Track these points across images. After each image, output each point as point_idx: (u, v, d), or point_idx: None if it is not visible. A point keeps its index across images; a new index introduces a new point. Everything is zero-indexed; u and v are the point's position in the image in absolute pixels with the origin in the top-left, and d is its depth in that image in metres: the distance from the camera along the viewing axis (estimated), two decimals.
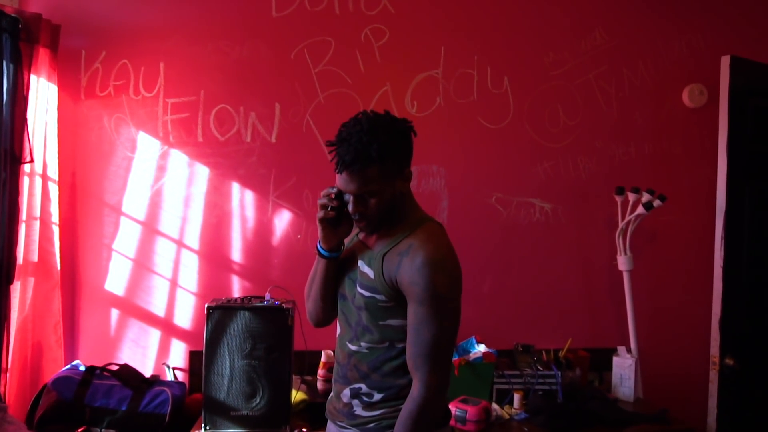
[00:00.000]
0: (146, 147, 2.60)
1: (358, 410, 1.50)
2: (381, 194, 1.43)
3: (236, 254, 2.65)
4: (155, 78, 2.59)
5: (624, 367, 2.57)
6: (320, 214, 1.50)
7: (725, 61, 2.46)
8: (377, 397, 1.48)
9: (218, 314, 2.11)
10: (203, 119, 2.62)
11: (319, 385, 2.47)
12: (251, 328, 2.12)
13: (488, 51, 2.78)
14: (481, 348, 2.57)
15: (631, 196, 2.59)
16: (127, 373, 2.41)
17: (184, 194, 2.62)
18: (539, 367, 2.49)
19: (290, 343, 2.14)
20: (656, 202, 2.53)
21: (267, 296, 2.23)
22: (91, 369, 2.40)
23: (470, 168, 2.77)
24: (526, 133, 2.81)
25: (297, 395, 2.32)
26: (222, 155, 2.63)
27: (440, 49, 2.74)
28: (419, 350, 1.39)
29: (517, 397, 2.41)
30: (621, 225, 2.62)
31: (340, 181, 1.44)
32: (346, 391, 1.53)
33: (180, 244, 2.62)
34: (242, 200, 2.65)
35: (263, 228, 2.66)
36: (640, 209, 2.53)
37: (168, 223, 2.61)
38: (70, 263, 2.57)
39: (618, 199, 2.66)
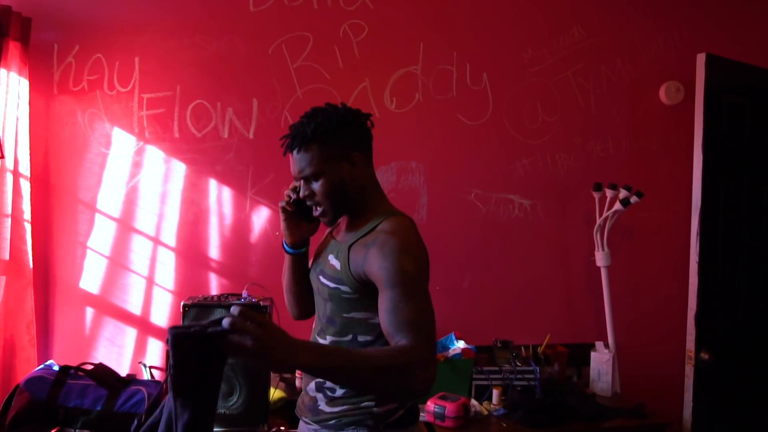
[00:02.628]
0: (121, 143, 2.56)
1: (322, 405, 1.48)
2: (325, 176, 1.45)
3: (214, 251, 2.62)
4: (130, 73, 2.55)
5: (601, 362, 2.59)
6: (281, 203, 1.59)
7: (701, 59, 2.49)
8: (339, 392, 1.46)
9: (194, 312, 2.09)
10: (180, 115, 2.58)
11: (298, 382, 2.45)
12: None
13: (467, 47, 2.77)
14: (461, 344, 2.58)
15: (609, 193, 2.61)
16: (102, 373, 2.37)
17: (161, 191, 2.58)
18: (518, 363, 2.50)
19: None
20: (633, 199, 2.55)
21: (244, 294, 2.21)
22: (65, 369, 2.36)
23: (449, 164, 2.77)
24: (505, 129, 2.81)
25: (275, 393, 2.30)
26: (199, 151, 2.60)
27: (419, 45, 2.74)
28: (398, 328, 1.25)
29: (495, 392, 2.41)
30: (599, 221, 2.64)
31: (291, 168, 1.50)
32: (312, 384, 1.53)
33: (156, 241, 2.59)
34: (220, 197, 2.62)
35: (241, 225, 2.63)
36: (617, 205, 2.55)
37: (144, 220, 2.58)
38: (44, 261, 2.52)
39: (596, 195, 2.67)
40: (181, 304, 2.10)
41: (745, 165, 2.62)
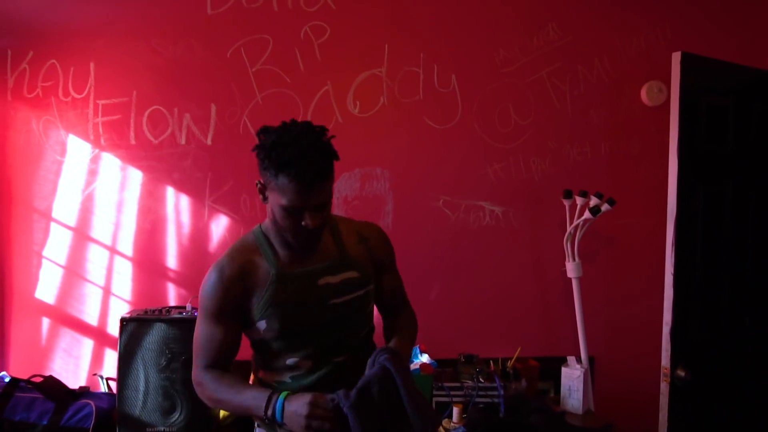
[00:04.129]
0: (76, 150, 2.51)
1: None
2: (330, 202, 1.45)
3: (171, 261, 2.56)
4: (85, 79, 2.51)
5: (572, 378, 2.47)
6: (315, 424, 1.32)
7: (676, 58, 2.33)
8: None
9: (133, 326, 2.04)
10: (136, 121, 2.53)
11: None
12: (168, 340, 2.04)
13: (435, 48, 2.67)
14: (424, 358, 2.48)
15: (579, 200, 2.47)
16: (51, 386, 2.32)
17: (117, 199, 2.53)
18: (481, 379, 2.39)
19: None
20: (605, 207, 2.41)
21: (188, 306, 2.14)
22: (14, 381, 2.32)
23: (416, 170, 2.67)
24: (475, 133, 2.70)
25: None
26: (156, 158, 2.54)
27: (384, 46, 2.64)
28: (405, 300, 1.81)
29: (456, 410, 2.30)
30: (569, 230, 2.50)
31: (295, 197, 1.34)
32: None
33: (113, 250, 2.54)
34: (177, 205, 2.56)
35: (199, 234, 2.57)
36: (586, 214, 2.41)
37: (100, 228, 2.53)
38: None
39: (566, 203, 2.54)
40: (120, 318, 2.04)
41: (728, 169, 2.47)
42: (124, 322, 2.03)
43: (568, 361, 2.52)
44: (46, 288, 2.51)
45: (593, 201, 2.42)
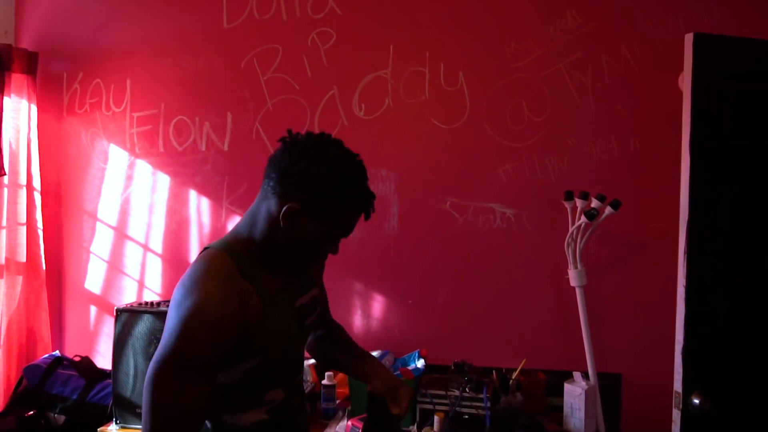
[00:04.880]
0: (116, 158, 2.83)
1: None
2: None
3: (193, 258, 2.77)
4: (123, 94, 2.81)
5: (574, 396, 2.27)
6: None
7: (688, 41, 2.05)
8: None
9: (125, 317, 2.25)
10: (163, 130, 2.78)
11: None
12: (155, 331, 2.22)
13: (441, 46, 2.60)
14: (419, 363, 2.43)
15: (579, 202, 2.26)
16: (86, 365, 2.65)
17: (149, 201, 2.81)
18: (467, 389, 2.29)
19: None
20: (608, 210, 2.18)
21: None
22: (58, 359, 2.68)
23: (422, 172, 2.62)
24: (484, 132, 2.58)
25: None
26: (180, 164, 2.78)
27: (389, 47, 2.62)
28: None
29: (437, 419, 2.23)
30: (568, 234, 2.30)
31: (351, 228, 1.30)
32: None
33: (146, 248, 2.82)
34: (199, 207, 2.78)
35: (217, 233, 2.76)
36: (582, 218, 2.20)
37: (135, 228, 2.82)
38: (56, 264, 2.88)
39: (567, 205, 2.34)
40: (114, 308, 2.27)
41: (754, 166, 2.10)
42: (118, 312, 2.26)
43: (574, 376, 2.32)
44: (93, 280, 2.86)
45: (594, 203, 2.20)
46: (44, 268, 2.83)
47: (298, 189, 1.21)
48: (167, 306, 2.25)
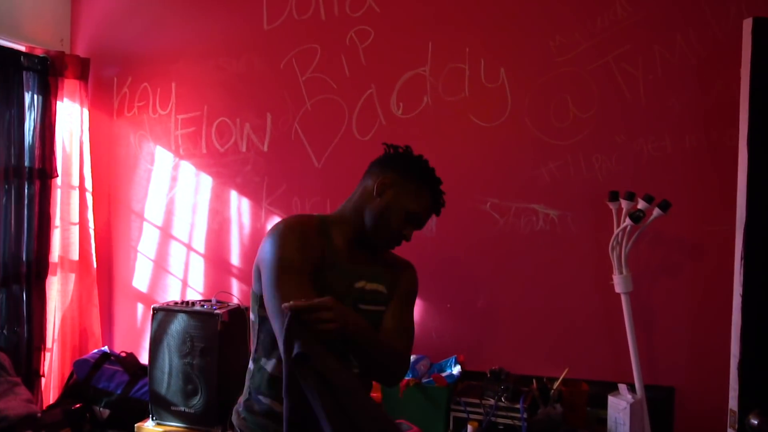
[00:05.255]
0: (162, 159, 2.89)
1: None
2: None
3: (234, 258, 2.81)
4: (168, 97, 2.87)
5: (619, 410, 2.12)
6: None
7: (747, 26, 1.88)
8: None
9: (161, 315, 2.29)
10: (206, 132, 2.83)
11: None
12: (189, 330, 2.25)
13: (482, 41, 2.51)
14: (455, 370, 2.35)
15: (624, 204, 2.11)
16: (130, 361, 2.72)
17: (192, 202, 2.86)
18: (503, 398, 2.19)
19: (219, 347, 2.21)
20: (656, 212, 2.03)
21: (213, 300, 2.33)
22: (105, 354, 2.76)
23: (461, 171, 2.52)
24: (526, 129, 2.47)
25: None
26: (222, 165, 2.81)
27: (428, 44, 2.56)
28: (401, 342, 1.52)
29: (470, 429, 2.15)
30: (613, 237, 2.15)
31: (422, 208, 1.45)
32: None
33: (189, 247, 2.87)
34: (239, 207, 2.80)
35: (257, 234, 2.77)
36: (627, 220, 2.05)
37: (179, 228, 2.88)
38: (106, 262, 2.98)
39: (612, 206, 2.19)
40: (151, 307, 2.31)
41: None
42: (154, 311, 2.30)
43: (619, 388, 2.17)
44: (141, 278, 2.94)
45: (641, 204, 2.06)
46: (95, 266, 2.93)
47: (391, 168, 1.45)
48: (202, 306, 2.29)
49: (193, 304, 2.35)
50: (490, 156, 2.51)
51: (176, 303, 2.37)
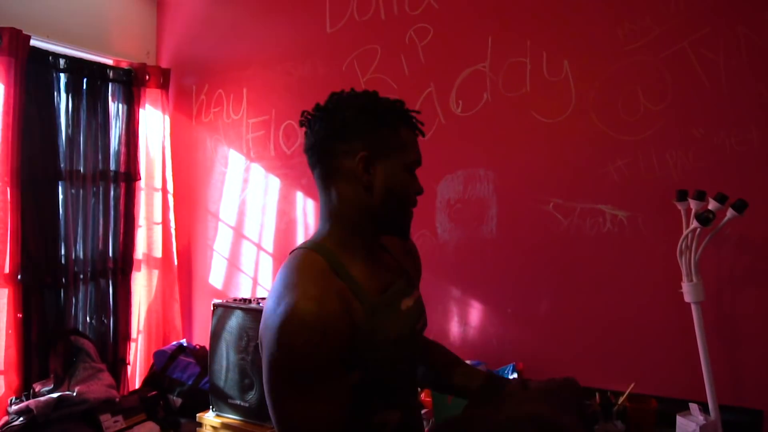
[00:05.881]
0: (235, 162, 3.02)
1: None
2: None
3: None
4: (240, 102, 3.00)
5: (687, 431, 1.92)
6: None
7: None
8: None
9: (220, 311, 2.38)
10: (274, 135, 2.91)
11: None
12: (245, 326, 2.32)
13: (543, 33, 2.38)
14: (512, 377, 2.25)
15: (693, 204, 1.90)
16: (202, 354, 2.86)
17: (262, 203, 2.96)
18: None
19: None
20: (729, 213, 1.81)
21: None
22: (181, 347, 2.93)
23: (523, 170, 2.42)
24: (592, 125, 2.31)
25: None
26: (289, 167, 2.88)
27: (487, 39, 2.47)
28: None
29: None
30: (680, 241, 1.94)
31: (417, 149, 1.19)
32: None
33: (259, 247, 2.97)
34: (305, 208, 2.86)
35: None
36: (695, 222, 1.85)
37: (250, 228, 2.99)
38: (186, 260, 3.16)
39: (680, 206, 1.98)
40: (212, 302, 2.41)
41: None
42: (214, 307, 2.40)
43: (690, 408, 1.96)
44: (216, 275, 3.08)
45: (712, 204, 1.84)
46: (176, 263, 3.12)
47: (352, 139, 1.13)
48: (258, 303, 2.36)
49: (250, 301, 2.43)
50: (553, 153, 2.37)
51: (234, 300, 2.47)
